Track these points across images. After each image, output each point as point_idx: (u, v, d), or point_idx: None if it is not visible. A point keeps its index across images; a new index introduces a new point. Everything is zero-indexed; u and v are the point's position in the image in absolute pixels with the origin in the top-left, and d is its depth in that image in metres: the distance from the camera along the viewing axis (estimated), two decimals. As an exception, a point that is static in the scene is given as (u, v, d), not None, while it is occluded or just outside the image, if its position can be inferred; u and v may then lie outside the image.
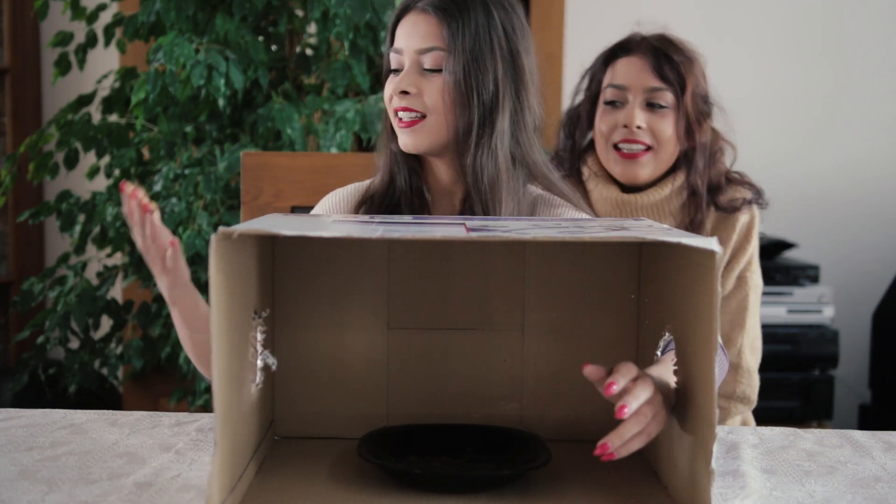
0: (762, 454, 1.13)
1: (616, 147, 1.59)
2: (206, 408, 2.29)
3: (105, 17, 2.53)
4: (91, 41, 2.47)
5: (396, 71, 1.26)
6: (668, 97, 1.56)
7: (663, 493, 0.97)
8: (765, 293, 2.68)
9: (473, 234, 0.88)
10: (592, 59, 1.69)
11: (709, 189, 1.62)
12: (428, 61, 1.23)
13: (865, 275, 3.11)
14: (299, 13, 2.38)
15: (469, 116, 1.23)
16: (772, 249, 2.81)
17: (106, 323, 2.58)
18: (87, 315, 2.30)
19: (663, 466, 1.01)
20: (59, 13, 2.62)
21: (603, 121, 1.60)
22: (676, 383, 0.99)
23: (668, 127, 1.57)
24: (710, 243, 0.83)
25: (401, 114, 1.24)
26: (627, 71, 1.58)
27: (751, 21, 3.14)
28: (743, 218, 1.63)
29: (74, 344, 2.57)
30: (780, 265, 2.75)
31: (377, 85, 2.31)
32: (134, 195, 1.12)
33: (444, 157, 1.29)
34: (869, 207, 3.14)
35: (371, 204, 1.33)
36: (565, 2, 3.13)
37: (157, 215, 1.14)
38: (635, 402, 0.92)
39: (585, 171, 1.66)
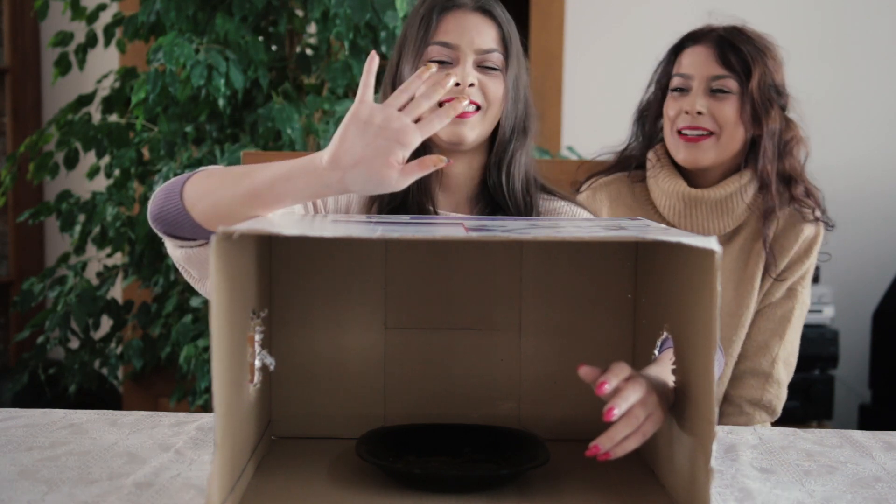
0: (762, 454, 1.13)
1: (680, 133, 1.61)
2: (206, 408, 2.29)
3: (105, 17, 2.53)
4: (91, 41, 2.47)
5: (441, 62, 1.28)
6: (730, 84, 1.58)
7: (662, 493, 0.98)
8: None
9: (473, 234, 0.88)
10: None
11: (783, 178, 1.62)
12: (489, 61, 1.29)
13: (865, 275, 3.11)
14: (299, 13, 2.38)
15: (515, 118, 1.33)
16: (772, 249, 2.81)
17: (106, 323, 2.58)
18: (87, 315, 2.30)
19: (662, 466, 1.01)
20: (59, 13, 2.62)
21: (669, 107, 1.63)
22: (675, 382, 1.00)
23: (730, 112, 1.58)
24: (709, 242, 0.83)
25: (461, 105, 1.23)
26: (692, 60, 1.62)
27: (750, 21, 3.14)
28: (808, 231, 1.64)
29: (74, 344, 2.57)
30: (780, 265, 2.74)
31: (377, 85, 2.30)
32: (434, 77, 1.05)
33: (470, 153, 1.32)
34: (869, 207, 3.14)
35: (381, 202, 1.33)
36: (565, 2, 3.13)
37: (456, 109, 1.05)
38: (624, 403, 0.93)
39: (652, 159, 1.67)
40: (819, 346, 2.72)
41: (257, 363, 1.03)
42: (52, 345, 2.39)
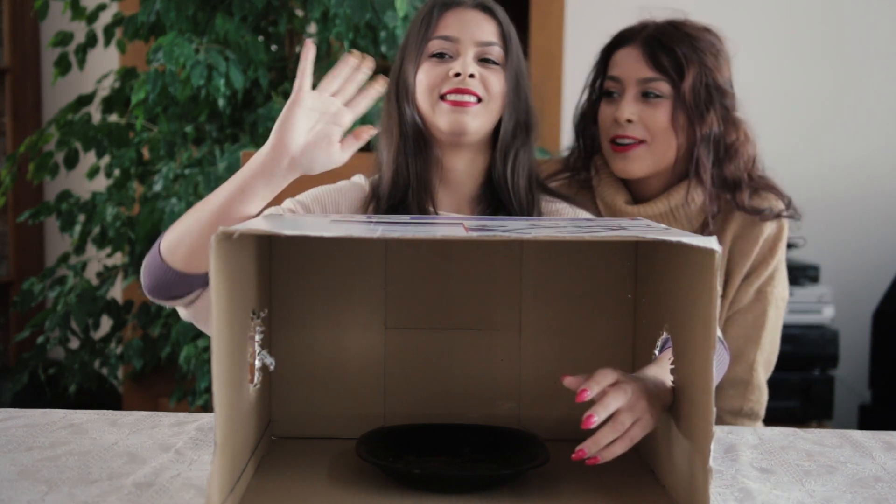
0: (762, 454, 1.13)
1: (612, 142, 1.52)
2: (206, 408, 2.29)
3: (105, 17, 2.53)
4: (91, 41, 2.47)
5: (441, 56, 1.31)
6: (662, 87, 1.47)
7: (662, 493, 0.98)
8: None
9: (473, 234, 0.88)
10: (593, 58, 1.65)
11: (726, 185, 1.51)
12: (489, 53, 1.31)
13: (865, 275, 3.11)
14: (299, 13, 2.38)
15: (517, 115, 1.34)
16: (772, 249, 2.81)
17: (106, 323, 2.58)
18: (87, 315, 2.30)
19: (661, 465, 1.01)
20: (59, 13, 2.62)
21: (601, 115, 1.54)
22: (674, 382, 1.00)
23: (662, 118, 1.47)
24: (709, 242, 0.83)
25: (465, 97, 1.29)
26: (623, 62, 1.51)
27: (751, 21, 3.14)
28: (768, 229, 1.53)
29: (74, 344, 2.57)
30: (779, 265, 2.75)
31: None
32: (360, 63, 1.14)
33: (473, 151, 1.33)
34: (869, 207, 3.14)
35: (379, 201, 1.33)
36: (565, 2, 3.12)
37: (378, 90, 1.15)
38: (604, 411, 0.94)
39: (595, 166, 1.59)
40: (819, 346, 2.72)
41: (257, 363, 1.03)
42: (52, 345, 2.39)
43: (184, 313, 1.25)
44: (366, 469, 1.01)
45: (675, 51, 1.47)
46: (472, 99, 1.29)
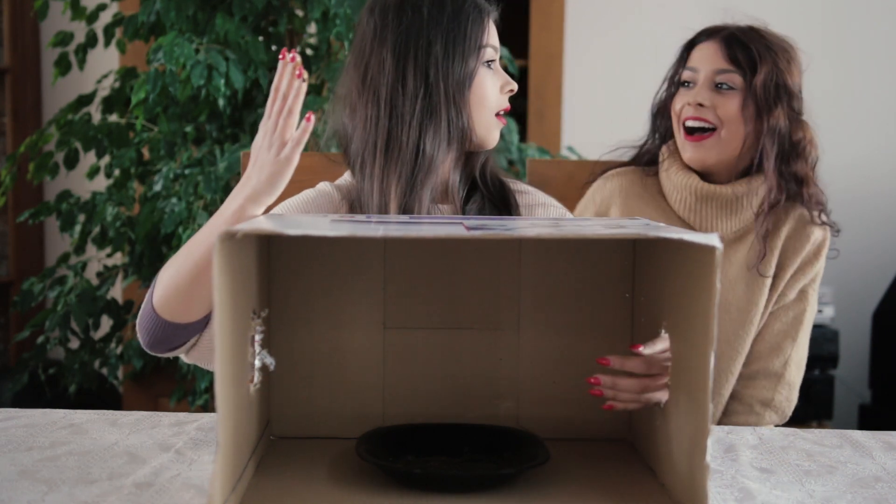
0: (762, 454, 1.13)
1: (686, 129, 1.63)
2: (206, 408, 2.29)
3: (105, 17, 2.53)
4: (91, 41, 2.47)
5: (489, 62, 1.34)
6: (734, 79, 1.59)
7: (661, 492, 0.98)
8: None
9: (474, 233, 0.88)
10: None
11: (794, 178, 1.62)
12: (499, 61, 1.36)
13: (865, 275, 3.11)
14: (299, 13, 2.38)
15: None
16: (772, 249, 2.81)
17: (106, 323, 2.58)
18: (87, 315, 2.30)
19: (661, 464, 1.01)
20: (59, 13, 2.62)
21: (678, 99, 1.66)
22: (672, 380, 1.00)
23: (732, 106, 1.59)
24: (710, 239, 0.83)
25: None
26: (701, 54, 1.64)
27: (751, 20, 3.14)
28: (817, 234, 1.65)
29: (74, 344, 2.57)
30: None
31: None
32: (293, 59, 1.15)
33: (461, 158, 1.36)
34: (869, 207, 3.14)
35: (360, 204, 1.33)
36: (565, 2, 3.13)
37: (303, 87, 1.15)
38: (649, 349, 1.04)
39: (664, 153, 1.69)
40: (819, 346, 2.72)
41: (257, 363, 1.03)
42: (52, 345, 2.39)
43: (185, 358, 1.28)
44: (366, 469, 1.01)
45: (750, 48, 1.60)
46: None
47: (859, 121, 3.15)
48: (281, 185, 1.15)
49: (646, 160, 1.74)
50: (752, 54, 1.60)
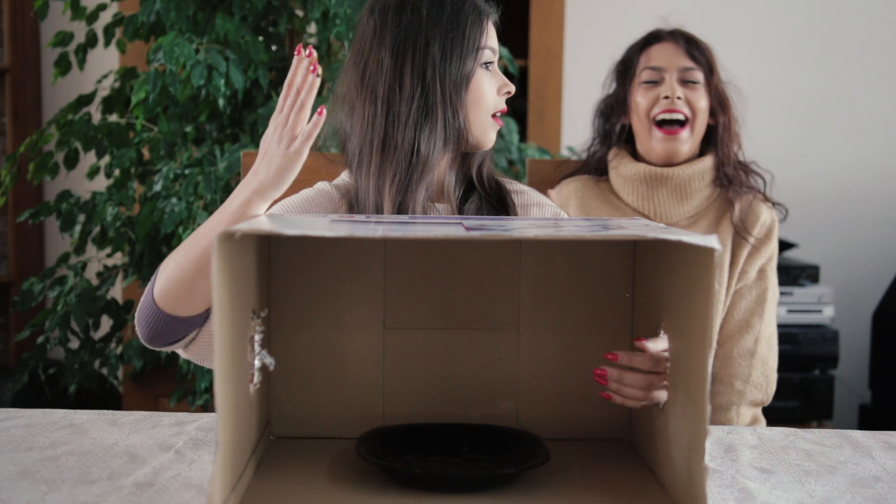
0: (762, 454, 1.13)
1: (656, 123, 1.72)
2: (206, 408, 2.29)
3: (105, 17, 2.53)
4: (91, 41, 2.47)
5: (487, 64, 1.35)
6: (699, 75, 1.73)
7: (661, 492, 0.98)
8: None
9: (474, 234, 0.88)
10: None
11: (740, 165, 1.77)
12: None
13: (865, 275, 3.11)
14: (299, 13, 2.38)
15: None
16: (772, 249, 2.81)
17: (106, 323, 2.58)
18: (87, 315, 2.30)
19: (660, 464, 1.01)
20: (59, 13, 2.62)
21: (643, 96, 1.74)
22: (671, 380, 1.00)
23: (702, 100, 1.73)
24: (709, 241, 0.83)
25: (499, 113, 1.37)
26: (662, 54, 1.75)
27: (751, 20, 3.14)
28: (765, 215, 1.74)
29: (74, 344, 2.57)
30: (780, 265, 2.74)
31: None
32: (310, 54, 1.16)
33: (457, 158, 1.36)
34: (869, 207, 3.14)
35: (357, 203, 1.33)
36: (565, 2, 3.13)
37: (317, 82, 1.16)
38: (652, 345, 1.04)
39: (612, 154, 1.80)
40: (819, 346, 2.72)
41: (257, 363, 1.03)
42: (52, 345, 2.39)
43: (184, 355, 1.28)
44: (366, 469, 1.01)
45: (703, 48, 1.76)
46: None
47: (859, 121, 3.15)
48: (289, 179, 1.15)
49: (595, 167, 1.84)
50: (706, 53, 1.75)
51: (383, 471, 0.99)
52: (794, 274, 2.75)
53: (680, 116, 1.71)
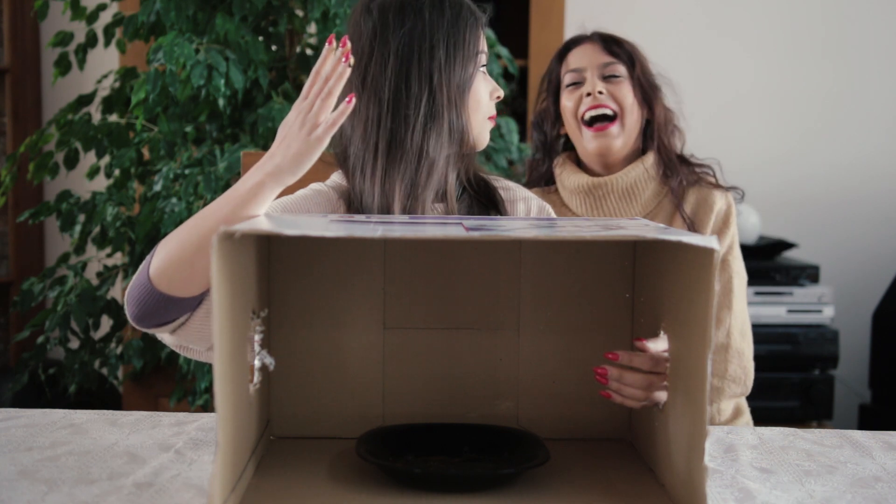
0: (762, 454, 1.13)
1: (585, 123, 1.71)
2: (206, 408, 2.29)
3: (105, 17, 2.53)
4: (91, 41, 2.47)
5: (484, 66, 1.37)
6: (620, 69, 1.71)
7: (661, 492, 0.98)
8: (765, 293, 2.70)
9: (474, 234, 0.88)
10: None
11: (681, 159, 1.75)
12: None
13: (865, 275, 3.11)
14: (299, 13, 2.38)
15: None
16: (772, 249, 2.81)
17: (106, 323, 2.58)
18: (87, 315, 2.30)
19: (660, 465, 1.01)
20: (59, 13, 2.62)
21: (568, 99, 1.73)
22: (670, 381, 1.00)
23: (627, 93, 1.70)
24: (708, 241, 0.83)
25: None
26: (581, 56, 1.74)
27: (751, 20, 3.14)
28: (720, 202, 1.71)
29: (74, 344, 2.57)
30: (780, 265, 2.75)
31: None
32: (344, 44, 1.13)
33: (458, 159, 1.36)
34: (869, 207, 3.14)
35: (359, 205, 1.33)
36: (565, 2, 3.13)
37: (347, 71, 1.13)
38: (652, 345, 1.04)
39: (557, 166, 1.79)
40: (819, 346, 2.72)
41: (257, 363, 1.03)
42: (52, 345, 2.39)
43: (169, 339, 1.23)
44: (366, 469, 1.01)
45: (623, 44, 1.74)
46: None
47: (859, 121, 3.15)
48: (305, 165, 1.13)
49: (542, 179, 1.82)
50: (626, 48, 1.73)
51: (383, 471, 0.99)
52: (794, 274, 2.75)
53: (607, 111, 1.69)
